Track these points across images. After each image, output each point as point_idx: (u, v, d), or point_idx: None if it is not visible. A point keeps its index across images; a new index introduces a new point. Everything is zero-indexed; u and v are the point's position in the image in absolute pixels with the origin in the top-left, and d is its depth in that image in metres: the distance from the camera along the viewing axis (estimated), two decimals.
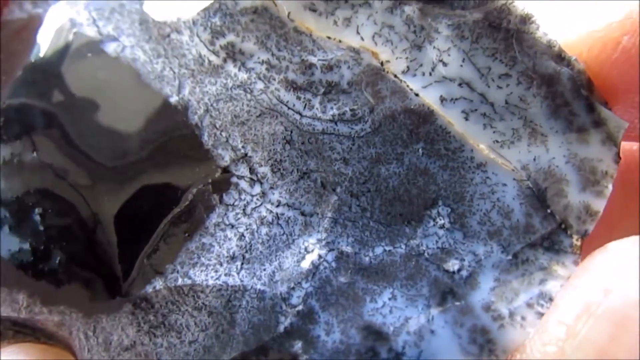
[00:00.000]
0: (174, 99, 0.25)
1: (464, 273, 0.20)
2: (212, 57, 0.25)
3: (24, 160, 0.25)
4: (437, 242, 0.21)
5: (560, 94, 0.21)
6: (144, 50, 0.26)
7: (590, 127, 0.21)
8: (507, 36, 0.21)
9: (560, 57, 0.21)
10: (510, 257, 0.20)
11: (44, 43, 0.27)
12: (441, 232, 0.21)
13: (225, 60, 0.25)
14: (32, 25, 0.29)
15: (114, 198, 0.24)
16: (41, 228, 0.25)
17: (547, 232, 0.20)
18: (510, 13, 0.21)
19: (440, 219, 0.21)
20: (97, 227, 0.24)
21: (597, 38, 0.21)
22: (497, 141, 0.21)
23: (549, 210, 0.21)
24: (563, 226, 0.20)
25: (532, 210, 0.21)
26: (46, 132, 0.25)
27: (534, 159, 0.21)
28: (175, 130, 0.24)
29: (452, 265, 0.21)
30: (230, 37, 0.24)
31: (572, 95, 0.21)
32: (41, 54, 0.26)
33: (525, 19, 0.21)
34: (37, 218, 0.25)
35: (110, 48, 0.26)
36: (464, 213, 0.21)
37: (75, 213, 0.24)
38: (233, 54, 0.24)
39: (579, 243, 0.20)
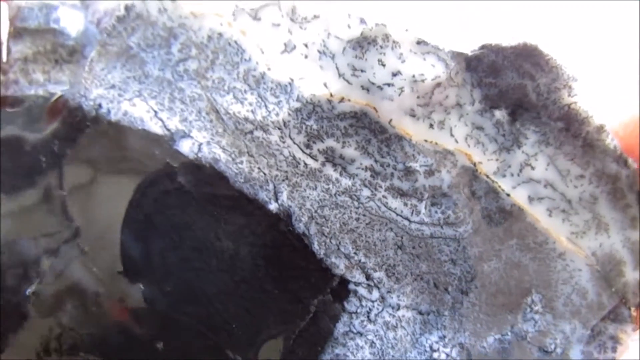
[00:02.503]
0: (273, 206, 0.24)
1: (559, 350, 0.25)
2: (309, 161, 0.24)
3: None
4: (534, 325, 0.25)
5: (620, 189, 0.25)
6: (222, 146, 0.24)
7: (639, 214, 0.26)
8: (585, 144, 0.25)
9: (621, 159, 0.25)
10: (589, 331, 0.25)
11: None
12: (537, 316, 0.25)
13: (323, 164, 0.24)
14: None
15: (240, 327, 0.23)
16: None
17: (613, 307, 0.25)
18: (589, 124, 0.24)
19: (535, 305, 0.25)
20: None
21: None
22: (573, 232, 0.25)
23: (613, 289, 0.25)
24: (623, 300, 0.26)
25: (601, 290, 0.25)
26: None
27: (600, 245, 0.26)
28: (284, 241, 0.24)
29: (549, 344, 0.25)
30: (330, 142, 0.24)
31: (628, 190, 0.26)
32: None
33: (600, 129, 0.25)
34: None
35: (185, 147, 0.24)
36: (552, 297, 0.25)
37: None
38: (333, 158, 0.24)
39: (635, 313, 0.26)
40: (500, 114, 0.25)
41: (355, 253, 0.24)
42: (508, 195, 0.25)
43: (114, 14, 0.26)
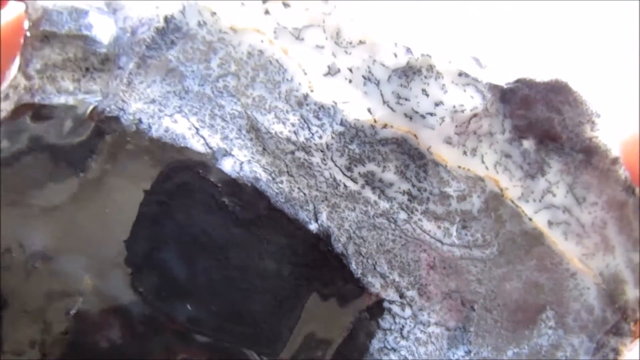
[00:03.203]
0: (313, 227, 0.24)
1: None
2: (349, 183, 0.25)
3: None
4: (548, 339, 0.27)
5: (626, 216, 0.28)
6: (262, 165, 0.24)
7: None
8: (601, 174, 0.27)
9: (629, 188, 0.27)
10: (594, 344, 0.28)
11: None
12: (550, 331, 0.27)
13: (363, 187, 0.25)
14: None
15: (276, 345, 0.23)
16: None
17: (615, 322, 0.28)
18: (607, 156, 0.26)
19: (549, 321, 0.27)
20: None
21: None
22: (584, 254, 0.27)
23: (616, 305, 0.28)
24: (624, 316, 0.28)
25: (606, 307, 0.28)
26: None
27: (606, 266, 0.28)
28: (323, 260, 0.24)
29: (560, 357, 0.27)
30: (371, 166, 0.25)
31: (633, 216, 0.28)
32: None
33: (615, 161, 0.26)
34: None
35: (227, 166, 0.24)
36: (564, 314, 0.27)
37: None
38: (372, 181, 0.25)
39: (634, 328, 0.28)
40: (527, 144, 0.26)
41: (390, 273, 0.25)
42: (530, 219, 0.27)
43: (152, 24, 0.25)
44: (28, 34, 0.26)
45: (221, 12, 0.25)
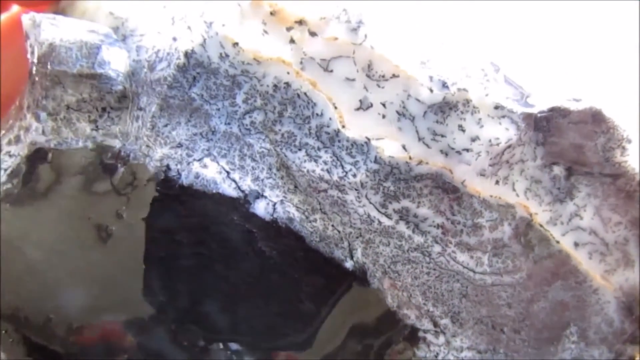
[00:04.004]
0: (349, 264, 0.24)
1: None
2: (383, 219, 0.25)
3: None
4: (570, 353, 0.28)
5: None
6: (295, 204, 0.24)
7: None
8: (627, 196, 0.27)
9: None
10: (613, 354, 0.29)
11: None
12: (573, 346, 0.28)
13: (397, 222, 0.25)
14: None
15: None
16: None
17: (632, 331, 0.29)
18: (633, 180, 0.27)
19: (572, 336, 0.28)
20: None
21: None
22: (607, 270, 0.28)
23: (634, 316, 0.29)
24: None
25: (624, 318, 0.29)
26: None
27: (626, 280, 0.29)
28: (361, 300, 0.24)
29: None
30: (405, 203, 0.24)
31: None
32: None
33: None
34: None
35: (260, 209, 0.23)
36: (586, 328, 0.28)
37: None
38: (407, 216, 0.25)
39: None
40: (558, 169, 0.26)
41: (424, 303, 0.25)
42: (557, 242, 0.27)
43: (171, 61, 0.24)
44: (34, 69, 0.24)
45: (243, 42, 0.24)
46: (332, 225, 0.24)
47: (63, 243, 0.22)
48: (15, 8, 0.29)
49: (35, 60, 0.24)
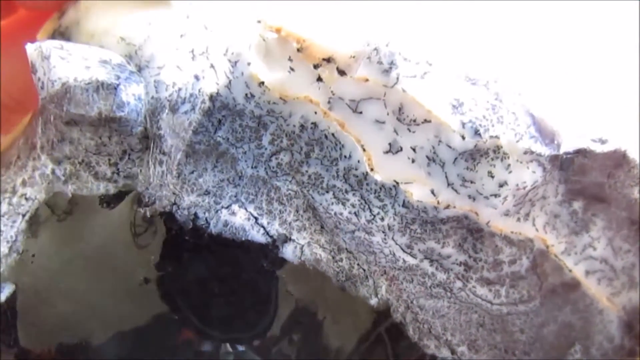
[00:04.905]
0: (374, 301, 0.25)
1: None
2: (408, 258, 0.25)
3: None
4: None
5: None
6: (321, 245, 0.24)
7: None
8: (638, 227, 0.28)
9: None
10: None
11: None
12: None
13: (421, 261, 0.25)
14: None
15: None
16: None
17: (631, 346, 0.31)
18: None
19: (576, 354, 0.30)
20: None
21: None
22: (613, 293, 0.30)
23: (633, 333, 0.31)
24: (638, 340, 0.31)
25: (624, 334, 0.31)
26: None
27: (629, 300, 0.30)
28: (385, 330, 0.25)
29: None
30: (431, 244, 0.25)
31: None
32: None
33: None
34: None
35: (289, 252, 0.24)
36: (589, 346, 0.30)
37: None
38: (431, 255, 0.25)
39: None
40: (577, 205, 0.26)
41: (443, 334, 0.26)
42: (570, 270, 0.28)
43: (195, 104, 0.22)
44: (47, 108, 0.23)
45: (269, 81, 0.23)
46: (358, 264, 0.25)
47: (93, 294, 0.22)
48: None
49: (48, 99, 0.22)
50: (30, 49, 0.23)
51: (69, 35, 0.26)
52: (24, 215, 0.23)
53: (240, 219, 0.23)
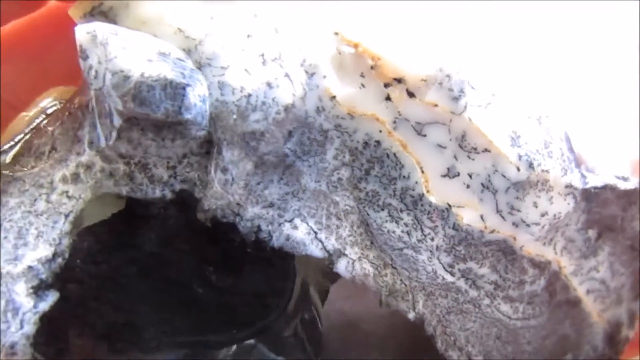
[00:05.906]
0: (411, 315, 0.26)
1: None
2: (447, 276, 0.26)
3: None
4: None
5: (637, 274, 0.33)
6: (370, 260, 0.25)
7: None
8: (635, 252, 0.31)
9: None
10: None
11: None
12: None
13: (458, 279, 0.26)
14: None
15: None
16: None
17: (611, 355, 0.35)
18: None
19: None
20: None
21: None
22: (603, 309, 0.33)
23: (613, 342, 0.34)
24: (616, 349, 0.35)
25: (606, 345, 0.34)
26: None
27: (613, 314, 0.34)
28: (417, 348, 0.26)
29: None
30: (471, 264, 0.26)
31: None
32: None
33: None
34: None
35: (342, 267, 0.24)
36: (578, 355, 0.33)
37: None
38: (468, 275, 0.26)
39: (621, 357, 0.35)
40: (591, 232, 0.29)
41: (466, 345, 0.28)
42: (575, 289, 0.31)
43: (268, 113, 0.22)
44: (99, 99, 0.21)
45: (340, 95, 0.23)
46: (400, 280, 0.25)
47: (145, 305, 0.21)
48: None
49: (106, 92, 0.21)
50: (81, 31, 0.21)
51: (113, 17, 0.23)
52: (66, 216, 0.21)
53: (301, 233, 0.23)
